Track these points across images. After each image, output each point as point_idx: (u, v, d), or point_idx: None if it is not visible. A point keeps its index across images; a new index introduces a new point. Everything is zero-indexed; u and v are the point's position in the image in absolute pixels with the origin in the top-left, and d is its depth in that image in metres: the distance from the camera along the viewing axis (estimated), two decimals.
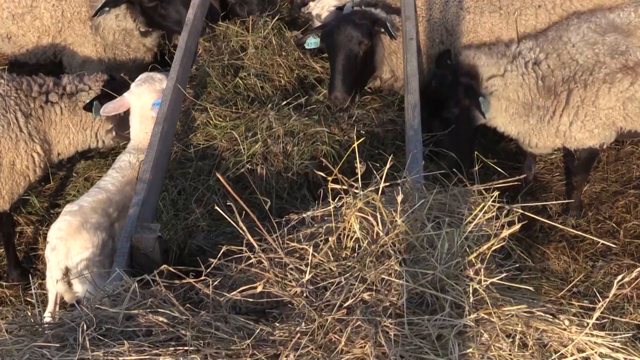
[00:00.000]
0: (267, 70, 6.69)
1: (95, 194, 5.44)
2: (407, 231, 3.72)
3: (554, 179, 7.47)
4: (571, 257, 6.51)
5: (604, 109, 6.16)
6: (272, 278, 3.66)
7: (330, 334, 3.31)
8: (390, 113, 6.21)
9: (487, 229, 3.85)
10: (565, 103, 6.19)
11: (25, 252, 6.93)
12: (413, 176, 4.46)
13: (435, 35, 6.76)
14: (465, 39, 6.72)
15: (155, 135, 5.30)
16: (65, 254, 5.12)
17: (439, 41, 6.77)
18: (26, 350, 3.12)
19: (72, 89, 6.36)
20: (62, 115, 6.31)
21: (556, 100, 6.21)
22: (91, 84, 6.43)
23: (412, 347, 3.21)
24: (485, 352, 3.23)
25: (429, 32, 6.77)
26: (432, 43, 6.78)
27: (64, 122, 6.33)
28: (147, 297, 3.60)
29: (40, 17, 7.50)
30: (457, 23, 6.76)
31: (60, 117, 6.31)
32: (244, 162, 5.58)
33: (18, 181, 6.16)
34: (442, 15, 6.78)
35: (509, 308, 3.41)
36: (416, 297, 3.49)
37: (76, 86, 6.38)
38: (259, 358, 3.26)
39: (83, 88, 6.39)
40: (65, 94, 6.33)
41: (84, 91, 6.38)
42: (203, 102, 6.29)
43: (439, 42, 6.77)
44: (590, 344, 3.39)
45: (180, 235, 5.22)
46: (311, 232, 4.00)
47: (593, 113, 6.18)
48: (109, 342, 3.26)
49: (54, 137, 6.36)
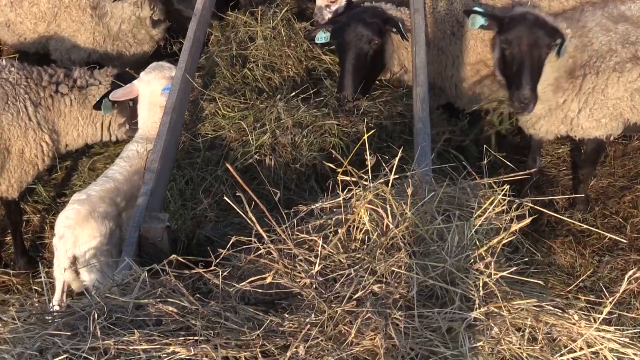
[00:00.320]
0: (276, 61, 6.67)
1: (103, 183, 5.44)
2: (416, 224, 3.72)
3: (560, 174, 7.47)
4: (578, 251, 6.51)
5: (612, 98, 6.15)
6: (281, 269, 3.66)
7: (340, 325, 3.31)
8: (398, 106, 6.19)
9: (497, 223, 3.85)
10: (579, 89, 6.19)
11: (32, 241, 6.96)
12: (422, 169, 4.45)
13: (447, 26, 6.74)
14: (476, 30, 6.64)
15: (163, 125, 5.30)
16: (73, 242, 5.13)
17: (450, 32, 6.74)
18: (37, 338, 3.13)
19: (82, 83, 6.40)
20: (71, 107, 6.35)
21: (572, 84, 6.21)
22: (101, 78, 6.48)
23: (422, 339, 3.21)
24: (496, 345, 3.24)
25: (440, 24, 6.76)
26: (443, 34, 6.77)
27: (73, 115, 6.37)
28: (156, 286, 3.60)
29: (37, 3, 7.51)
30: None
31: (70, 108, 6.35)
32: (252, 153, 5.58)
33: (27, 169, 6.19)
34: (453, 7, 6.76)
35: (519, 302, 3.41)
36: (426, 290, 3.49)
37: (87, 80, 6.42)
38: (268, 349, 3.26)
39: (93, 82, 6.44)
40: (76, 87, 6.37)
41: (94, 85, 6.42)
42: (211, 92, 6.28)
43: (450, 34, 6.75)
44: (599, 338, 3.39)
45: (189, 226, 5.22)
46: (320, 223, 4.00)
47: (601, 102, 6.16)
48: (119, 331, 3.26)
49: (62, 128, 6.39)
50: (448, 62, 6.82)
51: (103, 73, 6.54)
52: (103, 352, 3.13)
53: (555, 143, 7.77)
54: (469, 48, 6.74)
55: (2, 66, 6.18)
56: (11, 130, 6.01)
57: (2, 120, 5.96)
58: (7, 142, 6.02)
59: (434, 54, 6.76)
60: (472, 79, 6.81)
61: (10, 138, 6.02)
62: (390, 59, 6.64)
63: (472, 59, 6.74)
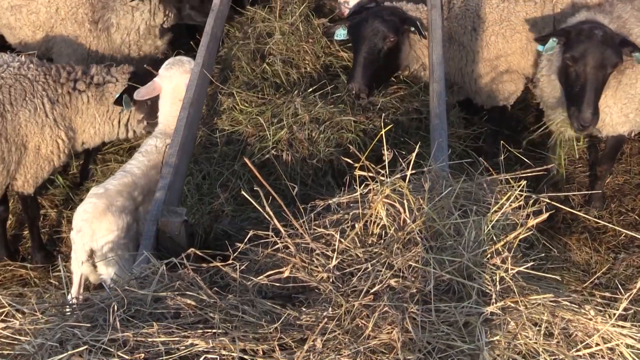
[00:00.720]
0: (294, 56, 6.67)
1: (120, 177, 5.47)
2: (433, 218, 3.73)
3: (576, 171, 7.45)
4: (593, 248, 6.51)
5: None
6: (298, 263, 3.68)
7: (357, 319, 3.33)
8: (414, 102, 6.20)
9: (514, 218, 3.86)
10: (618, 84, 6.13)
11: (49, 235, 7.01)
12: (439, 164, 4.47)
13: (467, 22, 6.75)
14: (498, 26, 6.70)
15: (181, 120, 5.33)
16: (90, 236, 5.16)
17: (471, 28, 6.75)
18: (57, 330, 3.16)
19: (99, 80, 6.44)
20: (88, 104, 6.39)
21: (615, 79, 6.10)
22: (118, 75, 6.51)
23: (439, 333, 3.22)
24: (512, 340, 3.25)
25: (461, 19, 6.77)
26: (464, 30, 6.77)
27: (90, 112, 6.41)
28: (174, 280, 3.63)
29: (36, 12, 7.46)
30: (490, 10, 6.74)
31: (87, 105, 6.39)
32: (269, 148, 5.60)
33: (42, 166, 6.25)
34: (475, 3, 6.77)
35: (536, 297, 3.42)
36: (443, 285, 3.51)
37: (104, 77, 6.46)
38: (286, 342, 3.29)
39: (110, 80, 6.47)
40: (93, 84, 6.41)
41: (111, 82, 6.46)
42: (229, 86, 6.30)
43: (471, 29, 6.75)
44: (616, 334, 3.39)
45: (206, 220, 5.25)
46: (337, 218, 4.02)
47: (632, 97, 6.11)
48: (138, 324, 3.29)
49: (79, 125, 6.44)
50: (469, 57, 6.82)
51: (120, 70, 6.57)
52: (122, 344, 3.16)
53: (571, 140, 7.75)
54: (491, 44, 6.75)
55: (22, 62, 6.22)
56: (28, 127, 6.06)
57: (20, 116, 6.01)
58: (24, 138, 6.07)
59: (454, 49, 6.76)
60: (492, 74, 6.82)
61: (27, 134, 6.07)
62: (408, 57, 6.63)
63: (493, 55, 6.75)
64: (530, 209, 3.90)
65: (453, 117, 6.36)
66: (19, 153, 6.07)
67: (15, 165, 6.10)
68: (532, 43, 6.70)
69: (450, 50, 6.73)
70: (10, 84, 6.04)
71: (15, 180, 6.23)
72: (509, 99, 7.04)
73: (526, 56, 6.82)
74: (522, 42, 6.73)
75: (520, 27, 6.71)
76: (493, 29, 6.67)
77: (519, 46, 6.76)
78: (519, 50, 6.78)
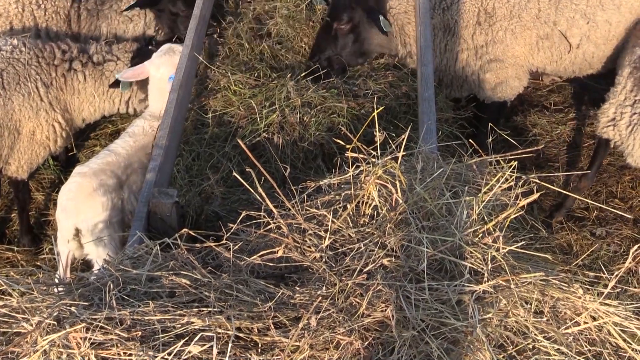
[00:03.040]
0: (290, 40, 6.68)
1: (104, 156, 5.47)
2: (425, 199, 3.77)
3: (560, 153, 7.53)
4: (574, 231, 6.60)
5: None
6: (291, 243, 3.71)
7: (351, 297, 3.37)
8: (403, 86, 6.22)
9: (504, 199, 3.91)
10: None
11: (36, 218, 6.99)
12: (428, 147, 4.51)
13: (471, 16, 6.63)
14: (507, 22, 6.61)
15: (170, 102, 5.33)
16: (75, 214, 5.16)
17: (476, 22, 6.64)
18: (55, 308, 3.18)
19: (99, 59, 6.33)
20: (85, 83, 6.28)
21: None
22: (120, 54, 6.41)
23: (433, 311, 3.27)
24: (504, 317, 3.30)
25: (464, 13, 6.65)
26: (466, 24, 6.67)
27: (89, 91, 6.31)
28: (168, 259, 3.65)
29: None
30: (500, 5, 6.60)
31: (84, 85, 6.28)
32: (260, 131, 5.62)
33: (37, 151, 6.18)
34: None
35: (526, 275, 3.47)
36: (435, 264, 3.55)
37: (104, 56, 6.35)
38: (280, 320, 3.32)
39: (111, 58, 6.37)
40: (91, 62, 6.29)
41: (112, 61, 6.36)
42: (224, 67, 6.29)
43: (476, 23, 6.65)
44: (602, 312, 3.46)
45: (197, 201, 5.27)
46: (329, 199, 4.04)
47: None
48: (133, 302, 3.32)
49: (76, 105, 6.34)
50: (471, 52, 6.75)
51: (122, 48, 6.46)
52: (119, 322, 3.18)
53: (555, 123, 7.83)
54: (497, 40, 6.65)
55: (14, 46, 6.10)
56: (22, 112, 5.98)
57: (13, 101, 5.93)
58: (17, 123, 5.98)
59: (454, 42, 6.72)
60: (497, 70, 6.78)
61: (20, 119, 5.98)
62: (391, 41, 6.64)
63: (499, 51, 6.69)
64: (520, 190, 3.95)
65: (441, 102, 6.39)
66: (12, 138, 5.99)
67: (8, 150, 6.02)
68: (542, 39, 6.68)
69: (451, 44, 6.71)
70: (2, 68, 5.95)
71: (9, 165, 6.16)
72: (512, 95, 7.01)
73: (536, 52, 6.80)
74: (531, 39, 6.70)
75: (530, 24, 6.63)
76: (501, 25, 6.60)
77: (528, 42, 6.71)
78: (528, 47, 6.74)
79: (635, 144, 5.99)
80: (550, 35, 6.64)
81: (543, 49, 6.72)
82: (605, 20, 6.63)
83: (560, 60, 6.83)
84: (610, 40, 6.74)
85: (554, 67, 6.92)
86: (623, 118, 6.03)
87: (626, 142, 6.03)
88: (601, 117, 6.23)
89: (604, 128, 6.18)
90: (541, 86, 8.35)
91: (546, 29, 6.63)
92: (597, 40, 6.70)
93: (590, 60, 6.87)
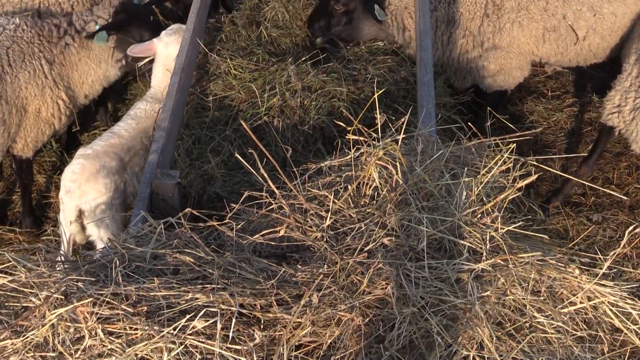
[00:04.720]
0: (289, 24, 6.72)
1: (107, 138, 5.51)
2: (425, 180, 3.83)
3: (557, 139, 7.59)
4: (571, 216, 6.66)
5: None
6: (292, 223, 3.77)
7: (351, 275, 3.43)
8: (402, 71, 6.28)
9: (502, 181, 3.97)
10: None
11: (37, 200, 7.04)
12: (427, 130, 4.56)
13: (478, 7, 6.68)
14: (514, 14, 6.66)
15: (172, 85, 5.38)
16: (79, 196, 5.21)
17: (484, 13, 6.68)
18: (62, 283, 3.24)
19: (80, 25, 6.33)
20: (79, 55, 6.32)
21: None
22: (100, 13, 6.41)
23: (432, 289, 3.34)
24: (502, 295, 3.37)
25: (471, 5, 6.69)
26: (472, 16, 6.70)
27: (83, 61, 6.35)
28: (172, 238, 3.71)
29: None
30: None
31: (78, 57, 6.32)
32: (261, 114, 5.67)
33: (43, 129, 6.23)
34: None
35: (524, 255, 3.54)
36: (435, 243, 3.61)
37: (85, 20, 6.35)
38: (282, 297, 3.39)
39: (92, 19, 6.36)
40: (76, 31, 6.32)
41: (93, 22, 6.36)
42: (224, 52, 6.33)
43: (483, 15, 6.68)
44: (598, 293, 3.52)
45: (199, 183, 5.32)
46: (329, 180, 4.10)
47: None
48: (139, 279, 3.38)
49: (77, 80, 6.38)
50: (476, 42, 6.78)
51: (102, 7, 6.45)
52: (124, 298, 3.25)
53: (552, 110, 7.89)
54: (504, 31, 6.69)
55: (17, 25, 6.14)
56: (28, 89, 6.02)
57: (20, 79, 5.97)
58: (23, 100, 6.03)
59: (457, 33, 6.77)
60: (501, 61, 6.83)
61: (27, 97, 6.03)
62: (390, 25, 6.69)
63: (505, 42, 6.74)
64: (518, 173, 4.01)
65: (439, 86, 6.44)
66: (19, 115, 6.03)
67: (16, 128, 6.07)
68: (549, 32, 6.72)
69: (453, 35, 6.73)
70: (7, 46, 5.99)
71: (15, 144, 6.20)
72: (513, 84, 7.07)
73: (541, 44, 6.83)
74: (538, 31, 6.73)
75: (538, 16, 6.67)
76: (509, 17, 6.63)
77: (534, 34, 6.74)
78: (534, 38, 6.78)
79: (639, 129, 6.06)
80: (557, 27, 6.69)
81: (549, 40, 6.77)
82: (611, 12, 6.70)
83: (566, 52, 6.89)
84: (615, 31, 6.80)
85: (558, 58, 6.99)
86: (627, 104, 6.08)
87: (630, 128, 6.09)
88: (607, 103, 6.27)
89: (608, 115, 6.23)
90: (538, 72, 8.40)
91: (553, 21, 6.68)
92: (603, 32, 6.76)
93: (595, 51, 6.94)
